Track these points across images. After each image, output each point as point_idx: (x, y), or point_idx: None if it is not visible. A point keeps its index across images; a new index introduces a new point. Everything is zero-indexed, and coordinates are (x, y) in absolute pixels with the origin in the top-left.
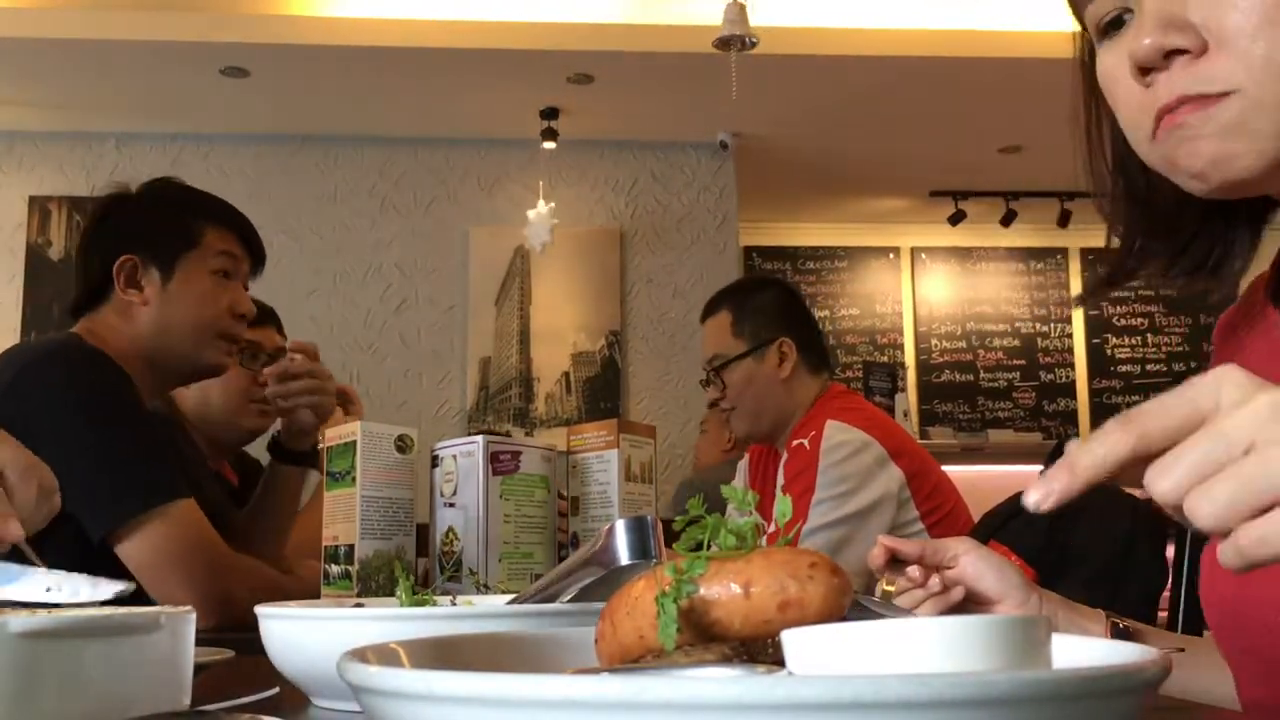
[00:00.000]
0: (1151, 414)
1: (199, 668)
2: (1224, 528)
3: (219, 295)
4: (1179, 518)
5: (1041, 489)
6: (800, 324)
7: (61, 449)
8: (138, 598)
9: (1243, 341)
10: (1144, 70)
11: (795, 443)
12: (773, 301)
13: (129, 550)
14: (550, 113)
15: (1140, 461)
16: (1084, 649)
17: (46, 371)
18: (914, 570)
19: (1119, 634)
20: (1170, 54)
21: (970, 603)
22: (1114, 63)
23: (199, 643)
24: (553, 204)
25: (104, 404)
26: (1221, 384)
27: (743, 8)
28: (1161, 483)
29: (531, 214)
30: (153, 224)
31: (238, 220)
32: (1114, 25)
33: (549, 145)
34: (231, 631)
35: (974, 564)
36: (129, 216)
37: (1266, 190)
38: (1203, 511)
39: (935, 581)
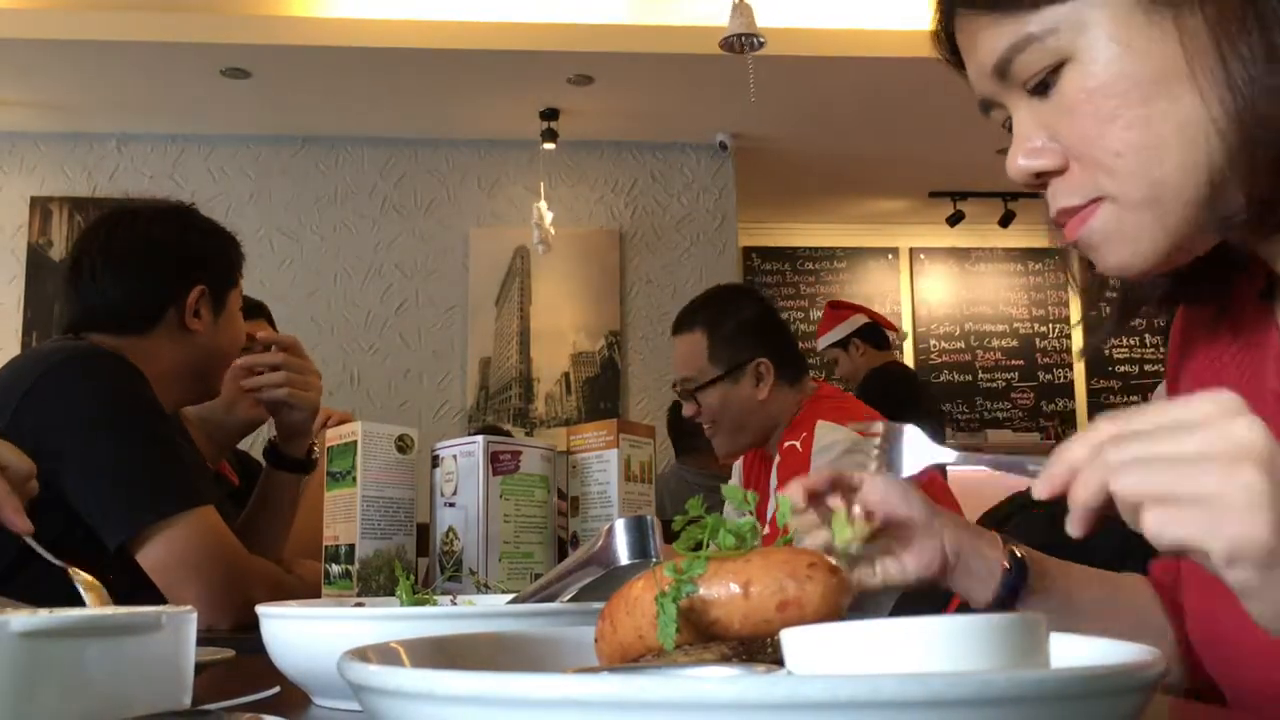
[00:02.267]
0: (1130, 421)
1: (199, 667)
2: (1132, 502)
3: (243, 332)
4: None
5: (1044, 482)
6: (776, 338)
7: (82, 456)
8: (157, 601)
9: (1217, 338)
10: (1032, 187)
11: (787, 444)
12: (748, 320)
13: (148, 555)
14: (550, 114)
15: None
16: (1084, 649)
17: (67, 377)
18: (836, 500)
19: (1014, 561)
20: (1041, 174)
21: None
22: None
23: (200, 642)
24: (541, 204)
25: (124, 410)
26: (1213, 399)
27: (749, 8)
28: (1117, 453)
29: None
30: (215, 257)
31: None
32: (991, 115)
33: (549, 146)
34: (232, 631)
35: (877, 486)
36: (193, 245)
37: (1205, 249)
38: (1120, 485)
39: (857, 510)
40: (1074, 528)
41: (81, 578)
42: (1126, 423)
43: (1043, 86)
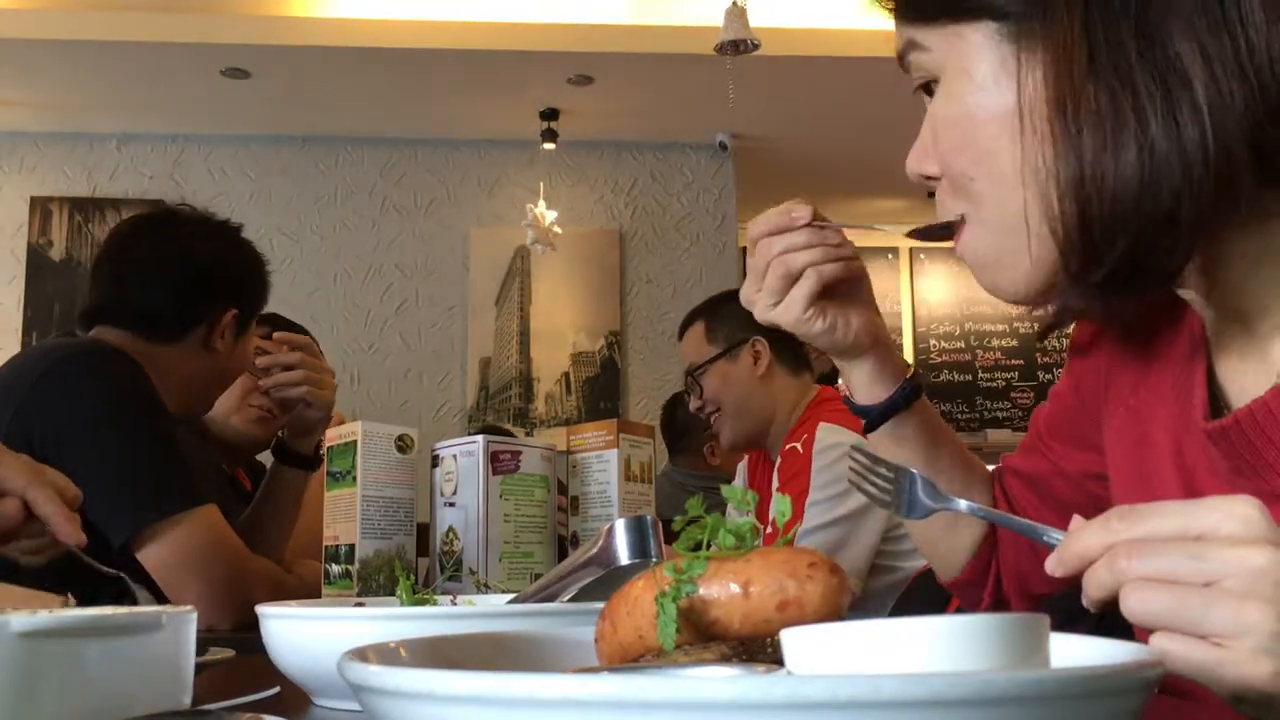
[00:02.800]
0: (1148, 520)
1: (199, 667)
2: (1141, 625)
3: (253, 354)
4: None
5: (1055, 562)
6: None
7: (86, 455)
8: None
9: (1148, 349)
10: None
11: (788, 446)
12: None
13: (150, 554)
14: (550, 114)
15: None
16: (1084, 649)
17: (71, 375)
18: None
19: (913, 380)
20: (929, 178)
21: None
22: None
23: (199, 642)
24: (538, 206)
25: (128, 409)
26: (1230, 513)
27: (743, 11)
28: (1126, 561)
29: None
30: (251, 283)
31: None
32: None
33: (549, 146)
34: (232, 631)
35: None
36: (235, 268)
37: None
38: (1131, 601)
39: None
40: (1088, 605)
41: (129, 585)
42: (1142, 522)
43: (928, 91)
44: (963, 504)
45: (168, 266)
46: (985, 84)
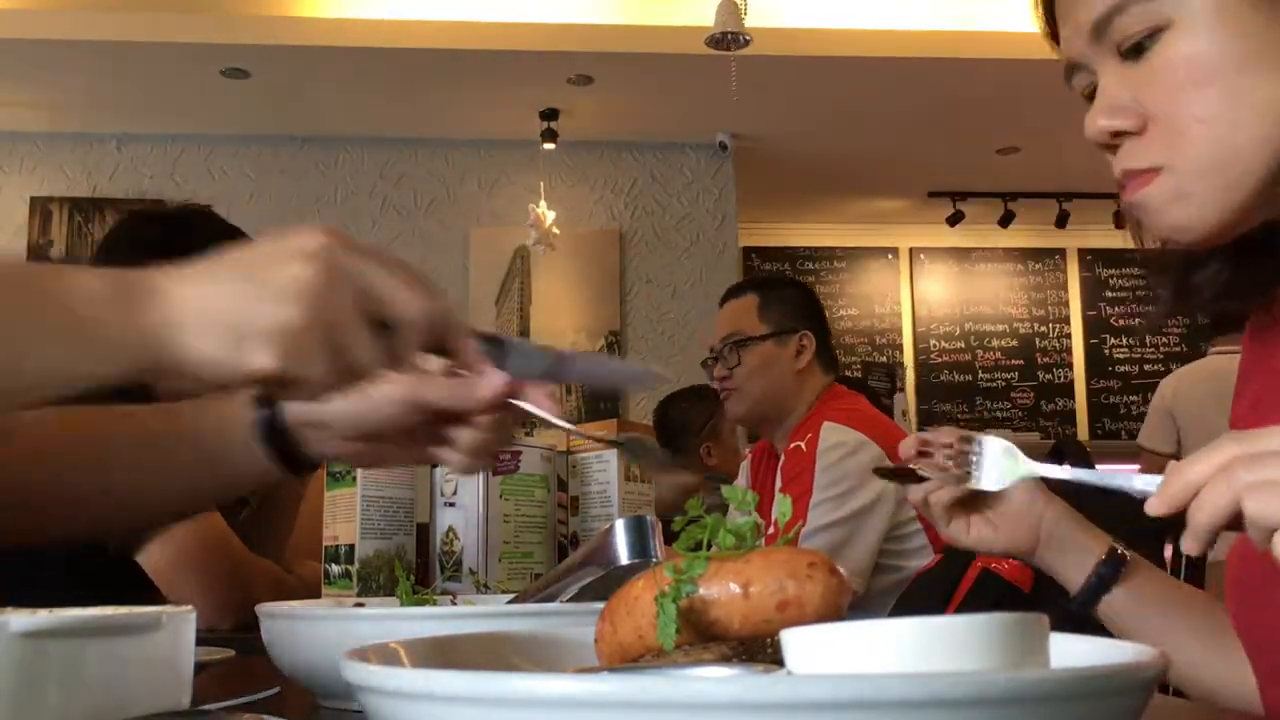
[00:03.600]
0: (1260, 440)
1: (199, 667)
2: (1267, 526)
3: None
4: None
5: (1160, 500)
6: (820, 321)
7: None
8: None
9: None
10: (1105, 146)
11: (792, 445)
12: (797, 296)
13: (151, 555)
14: (550, 114)
15: None
16: (1084, 649)
17: None
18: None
19: (1112, 554)
20: (1118, 134)
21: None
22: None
23: (200, 642)
24: (539, 206)
25: None
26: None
27: (735, 5)
28: (1240, 472)
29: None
30: None
31: None
32: (1074, 81)
33: (549, 146)
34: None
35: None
36: (201, 247)
37: (1256, 223)
38: (1252, 505)
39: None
40: (1191, 545)
41: None
42: (1256, 442)
43: (1136, 50)
44: (1044, 468)
45: (130, 260)
46: (1233, 22)
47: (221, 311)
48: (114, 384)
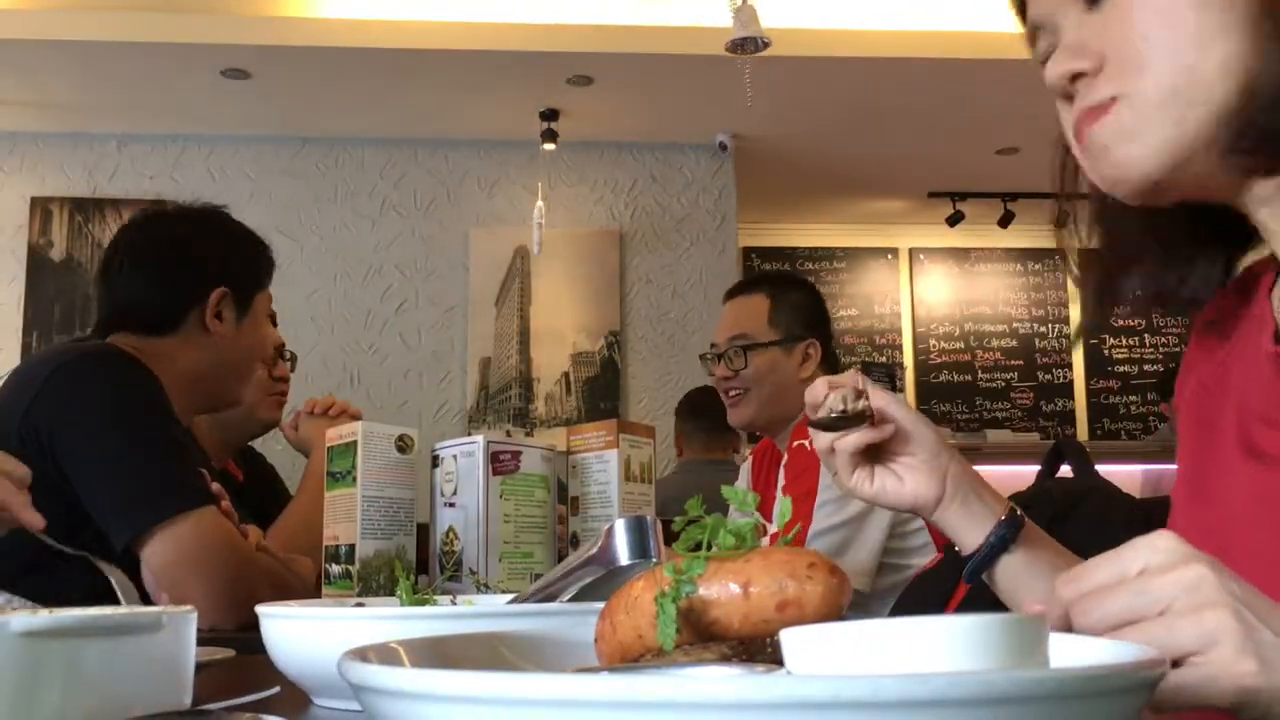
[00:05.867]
0: (1086, 577)
1: (199, 667)
2: None
3: (271, 337)
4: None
5: None
6: (826, 329)
7: (90, 455)
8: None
9: (1229, 335)
10: (1064, 96)
11: (796, 444)
12: (807, 301)
13: (154, 554)
14: (550, 114)
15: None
16: (1084, 649)
17: (80, 375)
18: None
19: (1013, 515)
20: (1076, 78)
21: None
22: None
23: (200, 642)
24: (540, 205)
25: (134, 410)
26: (1153, 548)
27: (753, 9)
28: (1084, 618)
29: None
30: (239, 259)
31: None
32: (1037, 46)
33: (549, 147)
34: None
35: (886, 396)
36: (216, 247)
37: (1209, 194)
38: None
39: (857, 379)
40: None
41: (101, 563)
42: (1083, 580)
43: None
44: None
45: (145, 258)
46: None
47: None
48: None
